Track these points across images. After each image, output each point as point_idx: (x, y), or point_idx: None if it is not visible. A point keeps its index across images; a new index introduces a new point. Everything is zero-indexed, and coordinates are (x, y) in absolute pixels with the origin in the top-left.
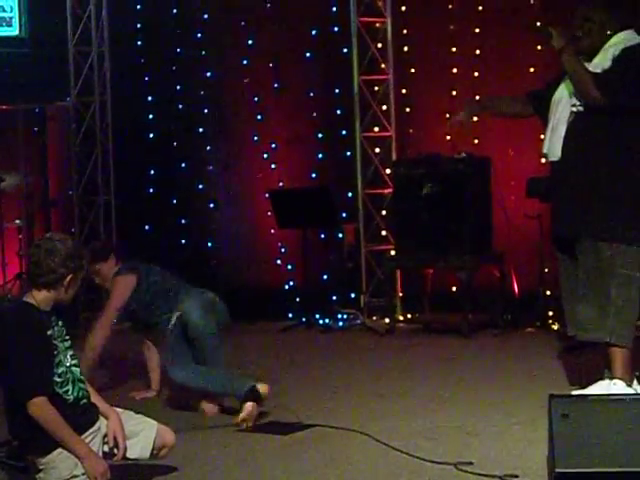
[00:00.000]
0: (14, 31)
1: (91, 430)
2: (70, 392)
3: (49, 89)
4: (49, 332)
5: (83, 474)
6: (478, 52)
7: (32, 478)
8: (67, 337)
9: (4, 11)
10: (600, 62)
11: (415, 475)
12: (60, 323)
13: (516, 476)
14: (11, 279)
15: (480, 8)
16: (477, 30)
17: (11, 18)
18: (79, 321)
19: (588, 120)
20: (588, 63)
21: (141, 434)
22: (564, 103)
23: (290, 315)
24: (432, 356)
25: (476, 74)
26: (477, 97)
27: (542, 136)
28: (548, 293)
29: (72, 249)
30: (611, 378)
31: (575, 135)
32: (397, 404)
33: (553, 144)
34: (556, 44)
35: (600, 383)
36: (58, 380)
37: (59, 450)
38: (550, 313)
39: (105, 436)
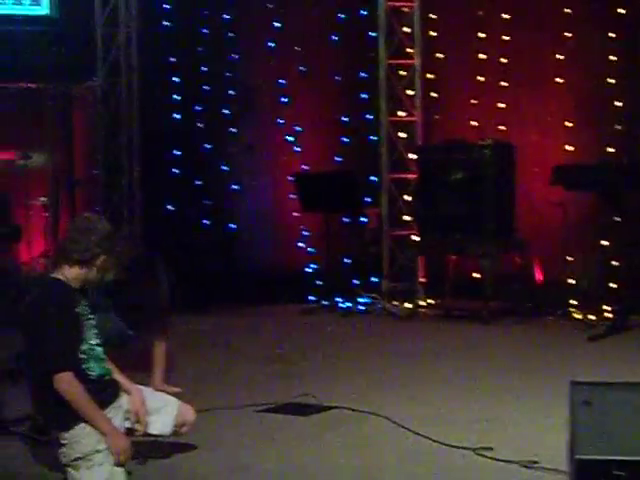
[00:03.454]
0: (43, 10)
1: (113, 406)
2: (93, 369)
3: (77, 69)
4: (77, 309)
5: (106, 449)
6: (506, 38)
7: (55, 453)
8: (91, 316)
9: None
10: None
11: (434, 459)
12: (84, 302)
13: (535, 462)
14: (37, 256)
15: None
16: (505, 16)
17: None
18: None
19: None
20: None
21: (162, 411)
22: None
23: (311, 298)
24: (453, 342)
25: (503, 60)
26: (504, 84)
27: (568, 124)
28: (570, 281)
29: (108, 231)
30: None
31: None
32: (416, 389)
33: None
34: None
35: None
36: (82, 357)
37: (82, 425)
38: (572, 301)
39: (127, 412)
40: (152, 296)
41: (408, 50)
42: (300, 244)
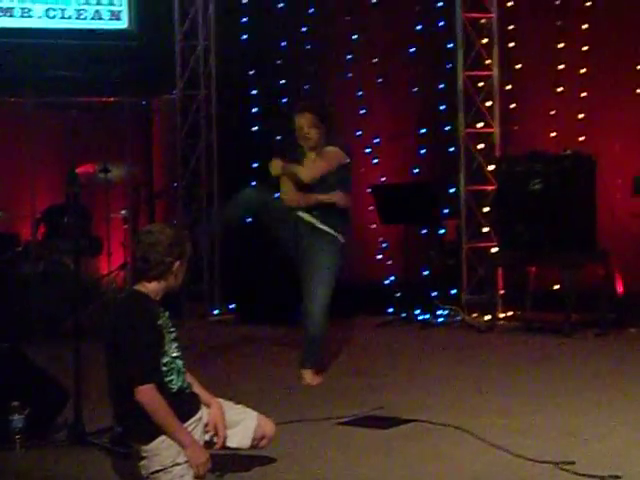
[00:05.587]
0: (123, 24)
1: (193, 419)
2: (174, 382)
3: (155, 82)
4: (159, 322)
5: (185, 462)
6: (585, 48)
7: (134, 465)
8: (172, 329)
9: (113, 4)
10: None
11: (515, 473)
12: (166, 314)
13: (618, 477)
14: (116, 269)
15: (589, 4)
16: (585, 26)
17: (120, 12)
18: (182, 311)
19: None
20: None
21: (242, 424)
22: None
23: (390, 310)
24: (533, 354)
25: (583, 70)
26: (584, 94)
27: None
28: None
29: (173, 236)
30: None
31: None
32: (497, 401)
33: None
34: None
35: None
36: (163, 369)
37: (162, 438)
38: None
39: (206, 425)
40: None
41: (486, 61)
42: (379, 256)
